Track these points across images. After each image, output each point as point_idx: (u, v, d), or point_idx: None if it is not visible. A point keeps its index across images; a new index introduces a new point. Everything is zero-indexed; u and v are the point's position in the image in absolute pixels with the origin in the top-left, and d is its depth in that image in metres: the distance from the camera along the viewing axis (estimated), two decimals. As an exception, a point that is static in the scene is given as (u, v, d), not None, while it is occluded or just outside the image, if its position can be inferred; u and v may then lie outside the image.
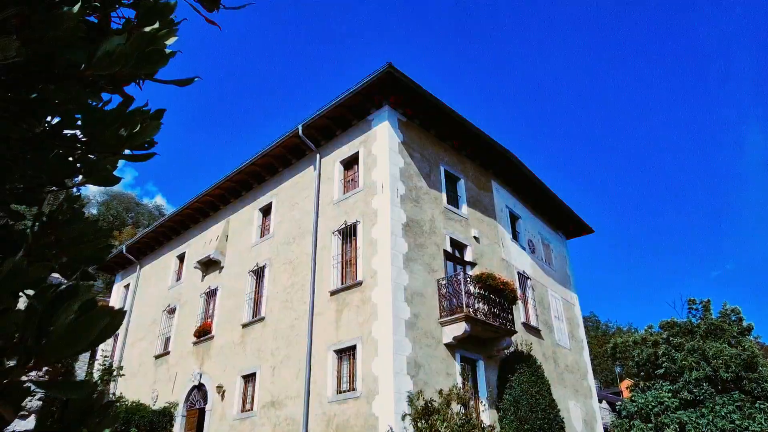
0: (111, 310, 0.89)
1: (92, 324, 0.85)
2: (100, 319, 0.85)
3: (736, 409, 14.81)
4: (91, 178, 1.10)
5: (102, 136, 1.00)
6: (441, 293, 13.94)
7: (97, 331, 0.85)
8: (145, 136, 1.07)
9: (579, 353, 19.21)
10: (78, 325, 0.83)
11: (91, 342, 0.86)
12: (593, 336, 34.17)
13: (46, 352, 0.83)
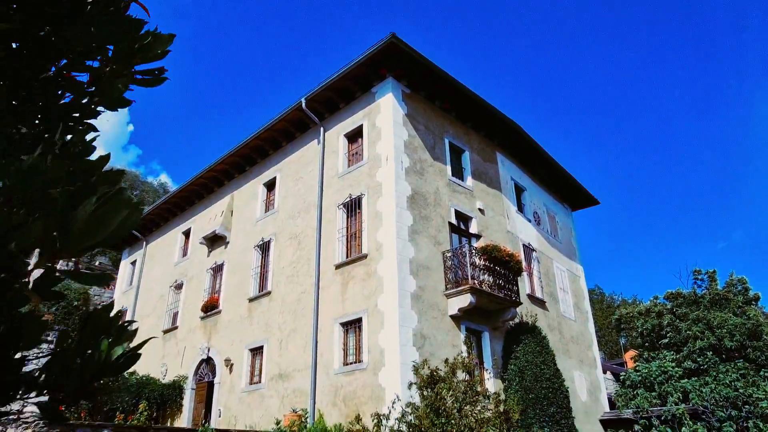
0: (130, 202, 0.87)
1: (111, 215, 0.83)
2: (118, 210, 0.84)
3: (739, 377, 14.91)
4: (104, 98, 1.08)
5: (117, 47, 0.96)
6: (446, 265, 13.97)
7: (117, 222, 0.84)
8: (156, 49, 1.04)
9: (584, 324, 19.32)
10: (98, 217, 0.82)
11: (111, 234, 0.84)
12: (598, 308, 34.31)
13: (69, 242, 0.81)
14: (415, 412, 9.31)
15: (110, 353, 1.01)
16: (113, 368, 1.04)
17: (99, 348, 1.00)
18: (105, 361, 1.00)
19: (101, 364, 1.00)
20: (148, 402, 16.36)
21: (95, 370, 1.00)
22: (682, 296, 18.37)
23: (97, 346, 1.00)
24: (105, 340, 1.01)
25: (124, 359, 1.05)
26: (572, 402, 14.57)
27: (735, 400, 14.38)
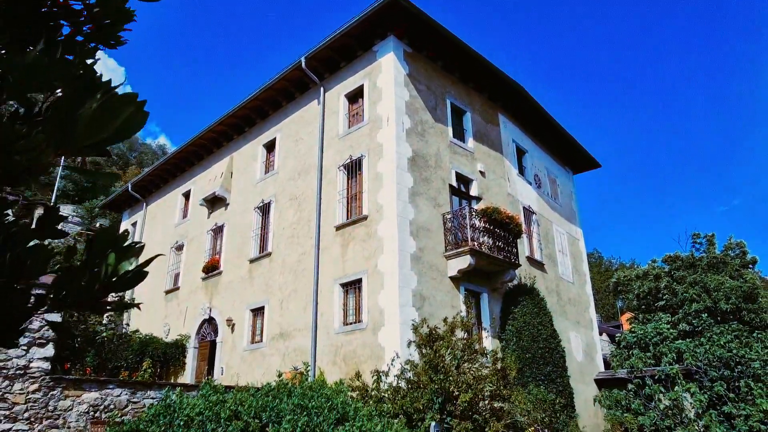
0: (135, 99, 0.85)
1: (116, 110, 0.82)
2: (123, 105, 0.82)
3: (733, 338, 15.17)
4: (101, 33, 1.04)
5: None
6: (446, 227, 14.02)
7: (121, 119, 0.82)
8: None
9: (582, 287, 19.52)
10: (102, 112, 0.80)
11: (116, 132, 0.83)
12: (596, 272, 34.60)
13: (74, 138, 0.80)
14: (414, 369, 9.50)
15: (118, 267, 1.01)
16: (121, 283, 1.04)
17: (106, 262, 1.00)
18: (113, 275, 1.00)
19: (109, 278, 1.00)
20: (151, 360, 16.64)
21: (103, 284, 1.00)
22: (680, 259, 18.50)
23: (104, 260, 0.99)
24: (112, 254, 1.01)
25: (131, 275, 1.05)
26: (568, 362, 14.85)
27: (728, 360, 14.66)
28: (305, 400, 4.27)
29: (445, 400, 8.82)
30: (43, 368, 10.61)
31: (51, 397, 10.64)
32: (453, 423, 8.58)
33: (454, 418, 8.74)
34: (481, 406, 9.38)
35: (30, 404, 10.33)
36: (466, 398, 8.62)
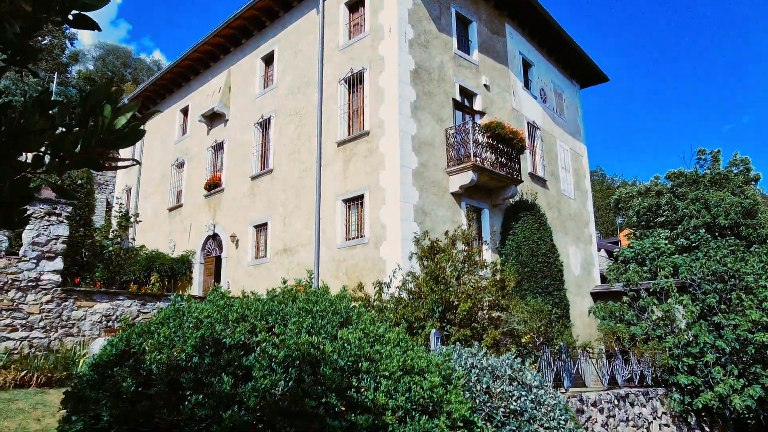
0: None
1: None
2: None
3: (729, 253, 15.44)
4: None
5: None
6: (449, 143, 13.86)
7: None
8: None
9: (583, 203, 19.61)
10: None
11: None
12: (598, 190, 34.62)
13: None
14: (415, 281, 9.75)
15: (114, 122, 0.98)
16: (119, 137, 1.01)
17: (102, 114, 0.96)
18: (109, 128, 0.96)
19: (106, 132, 0.96)
20: (159, 274, 17.09)
21: (100, 138, 0.97)
22: (684, 176, 18.41)
23: (100, 112, 0.96)
24: (108, 106, 0.97)
25: (129, 130, 1.01)
26: (565, 275, 15.22)
27: (722, 274, 15.01)
28: (309, 304, 4.37)
29: (445, 310, 9.12)
30: (53, 280, 10.91)
31: (64, 307, 11.02)
32: (452, 331, 8.92)
33: (453, 326, 9.08)
34: (479, 315, 9.71)
35: (44, 314, 10.72)
36: (465, 307, 8.91)
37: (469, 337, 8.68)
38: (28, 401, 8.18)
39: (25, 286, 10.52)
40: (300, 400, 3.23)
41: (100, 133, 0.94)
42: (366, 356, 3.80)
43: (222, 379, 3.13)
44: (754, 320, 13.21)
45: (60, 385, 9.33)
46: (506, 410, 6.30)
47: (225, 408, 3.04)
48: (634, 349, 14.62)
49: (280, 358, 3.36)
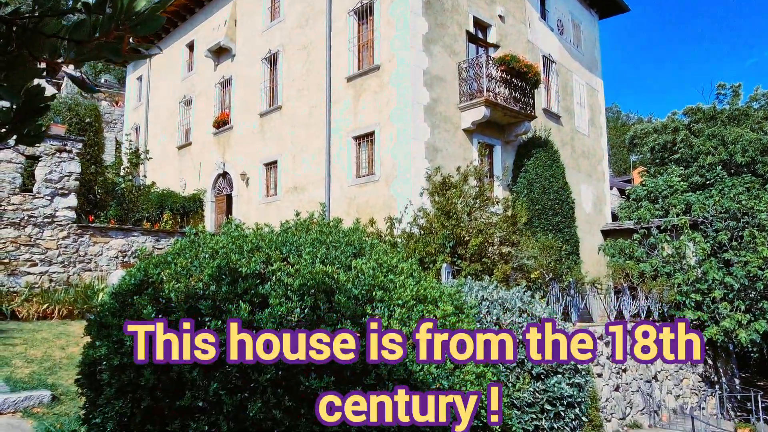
0: None
1: None
2: None
3: (744, 190, 15.23)
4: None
5: None
6: (461, 77, 13.50)
7: None
8: None
9: (597, 140, 19.26)
10: None
11: None
12: (612, 127, 33.90)
13: None
14: (427, 216, 9.77)
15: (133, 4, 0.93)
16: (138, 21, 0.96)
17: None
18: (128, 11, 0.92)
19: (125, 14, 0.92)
20: (171, 212, 17.25)
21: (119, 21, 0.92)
22: (702, 111, 17.90)
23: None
24: None
25: (149, 12, 0.96)
26: (577, 213, 15.16)
27: (735, 212, 14.88)
28: (323, 236, 4.39)
29: (456, 245, 9.18)
30: (68, 217, 11.06)
31: (80, 243, 11.23)
32: (463, 265, 9.02)
33: (464, 261, 9.16)
34: (490, 250, 9.78)
35: (62, 249, 10.94)
36: (476, 242, 8.96)
37: (479, 272, 8.77)
38: (51, 331, 8.50)
39: (41, 222, 10.69)
40: (315, 327, 3.30)
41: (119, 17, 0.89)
42: (380, 285, 3.84)
43: (240, 306, 3.19)
44: (765, 257, 13.20)
45: (81, 317, 9.65)
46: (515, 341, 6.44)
47: (243, 333, 3.11)
48: (642, 285, 14.75)
49: (295, 286, 3.41)
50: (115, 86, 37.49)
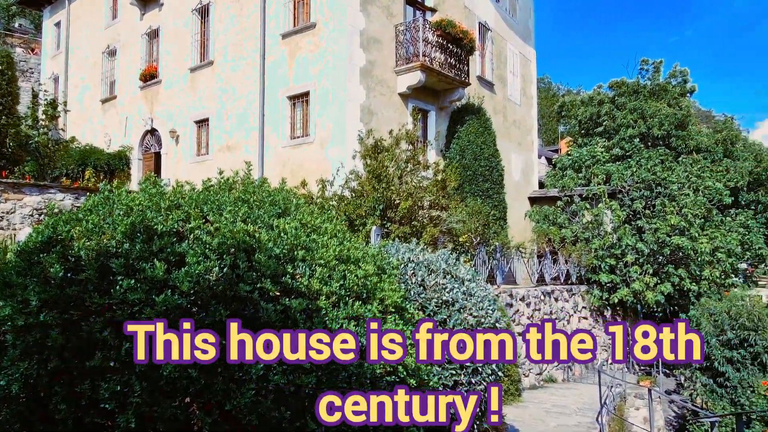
0: None
1: None
2: None
3: (659, 162, 16.28)
4: None
5: None
6: (398, 40, 13.44)
7: None
8: None
9: (528, 110, 19.81)
10: None
11: None
12: (543, 97, 34.96)
13: None
14: (358, 179, 9.82)
15: None
16: None
17: None
18: None
19: None
20: (95, 170, 16.37)
21: None
22: (626, 85, 18.79)
23: None
24: None
25: None
26: (506, 180, 15.68)
27: (650, 182, 15.89)
28: (247, 194, 4.35)
29: (386, 208, 9.33)
30: None
31: (-10, 200, 10.50)
32: (392, 228, 9.19)
33: (393, 223, 9.33)
34: (420, 214, 10.00)
35: (-31, 206, 10.20)
36: (405, 206, 9.13)
37: (408, 235, 8.98)
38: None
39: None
40: (234, 285, 3.31)
41: None
42: (302, 245, 3.88)
43: (155, 265, 3.14)
44: (672, 225, 14.25)
45: (-8, 277, 9.09)
46: (439, 301, 6.69)
47: (158, 292, 3.08)
48: (563, 250, 15.62)
49: (214, 245, 3.38)
50: (31, 31, 34.53)
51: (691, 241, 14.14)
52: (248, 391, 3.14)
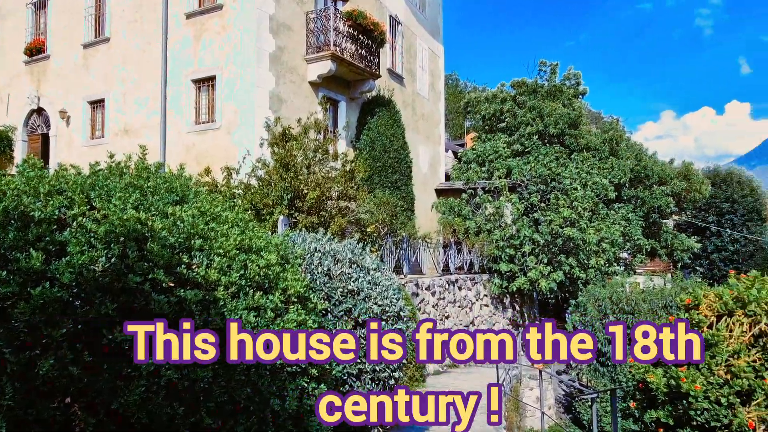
0: None
1: None
2: None
3: (554, 159, 17.40)
4: None
5: None
6: (309, 28, 13.28)
7: None
8: None
9: (435, 104, 20.35)
10: None
11: None
12: (451, 93, 36.01)
13: None
14: (266, 168, 9.63)
15: None
16: None
17: None
18: None
19: None
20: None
21: None
22: (526, 85, 19.87)
23: None
24: None
25: None
26: (414, 172, 16.04)
27: (546, 177, 16.93)
28: (141, 180, 4.14)
29: (294, 198, 9.23)
30: None
31: None
32: (300, 218, 9.12)
33: (301, 213, 9.26)
34: (328, 204, 10.00)
35: None
36: (313, 196, 9.08)
37: (316, 225, 8.95)
38: None
39: None
40: (123, 276, 3.15)
41: None
42: (200, 234, 3.76)
43: (30, 255, 2.91)
44: (565, 217, 15.29)
45: None
46: (344, 290, 6.75)
47: (35, 284, 2.86)
48: (467, 240, 16.26)
49: (100, 233, 3.19)
50: None
51: (580, 233, 15.26)
52: (137, 387, 3.01)
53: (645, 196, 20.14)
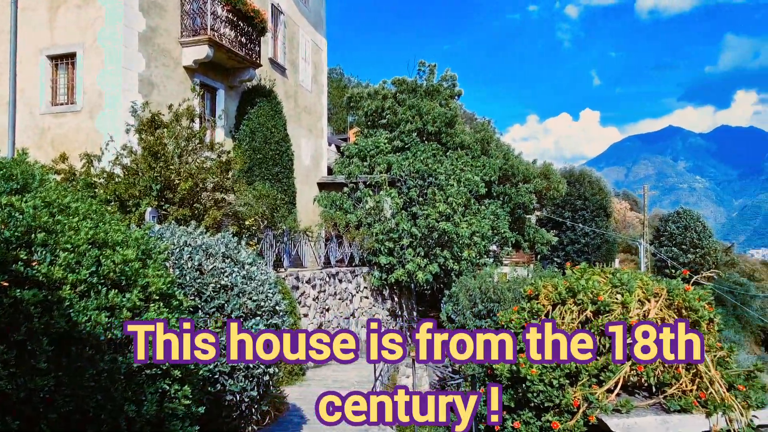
0: None
1: None
2: None
3: (431, 155, 18.18)
4: None
5: None
6: (184, 9, 12.59)
7: None
8: None
9: (318, 97, 20.27)
10: None
11: None
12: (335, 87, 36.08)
13: None
14: (132, 156, 8.99)
15: None
16: None
17: None
18: None
19: None
20: None
21: None
22: (406, 84, 20.51)
23: None
24: None
25: None
26: (296, 165, 15.89)
27: (423, 173, 17.63)
28: (-29, 168, 3.69)
29: (164, 188, 8.72)
30: None
31: None
32: (171, 210, 8.63)
33: (172, 205, 8.77)
34: (203, 196, 9.57)
35: None
36: (186, 186, 8.64)
37: (189, 217, 8.53)
38: None
39: None
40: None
41: None
42: (43, 227, 3.43)
43: None
44: (440, 212, 16.04)
45: None
46: (217, 285, 6.53)
47: None
48: (348, 234, 16.47)
49: None
50: None
51: (454, 227, 16.10)
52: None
53: (512, 193, 21.75)
